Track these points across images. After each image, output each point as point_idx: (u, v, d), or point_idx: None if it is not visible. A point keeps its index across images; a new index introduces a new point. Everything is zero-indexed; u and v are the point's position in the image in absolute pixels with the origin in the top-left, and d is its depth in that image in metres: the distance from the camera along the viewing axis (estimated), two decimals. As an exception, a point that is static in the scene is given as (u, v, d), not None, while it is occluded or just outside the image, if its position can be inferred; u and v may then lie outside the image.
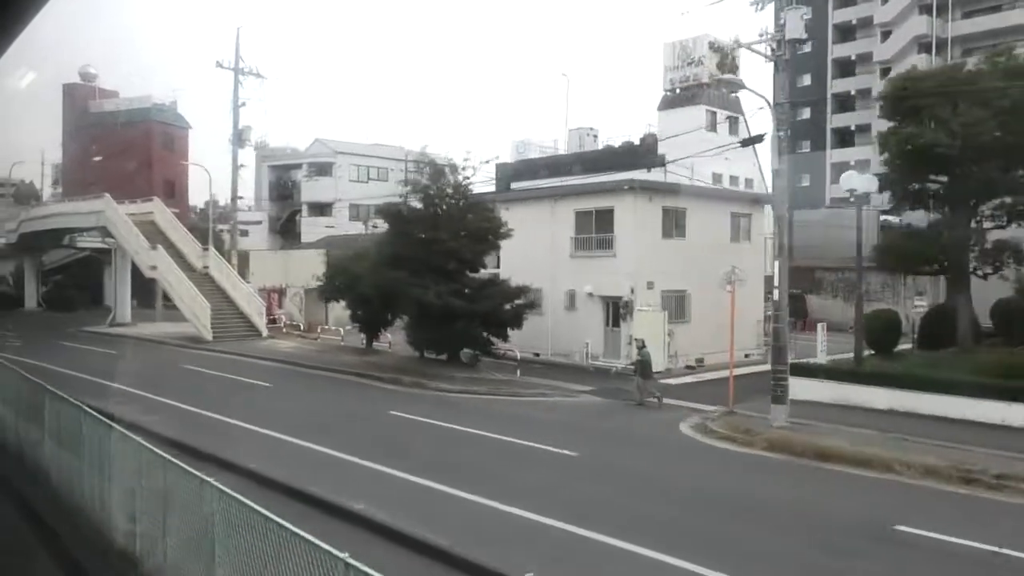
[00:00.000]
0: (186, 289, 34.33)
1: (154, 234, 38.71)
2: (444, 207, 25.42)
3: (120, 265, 42.02)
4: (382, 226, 33.43)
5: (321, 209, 67.93)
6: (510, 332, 25.64)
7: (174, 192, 61.04)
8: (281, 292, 48.03)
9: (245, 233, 60.96)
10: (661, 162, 54.62)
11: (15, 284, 56.27)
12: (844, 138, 71.29)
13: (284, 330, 37.35)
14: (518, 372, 25.31)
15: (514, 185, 65.09)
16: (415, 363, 26.32)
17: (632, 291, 26.97)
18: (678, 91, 57.93)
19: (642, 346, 21.44)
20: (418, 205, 25.84)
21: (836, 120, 72.03)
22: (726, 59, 57.80)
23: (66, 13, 19.01)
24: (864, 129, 65.29)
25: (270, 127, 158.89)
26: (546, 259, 28.58)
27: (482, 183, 52.74)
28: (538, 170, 64.57)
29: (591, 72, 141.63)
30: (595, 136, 64.37)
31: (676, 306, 27.99)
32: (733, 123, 58.33)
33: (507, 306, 25.33)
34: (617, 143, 63.53)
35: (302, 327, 37.94)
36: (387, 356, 28.57)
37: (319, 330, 36.07)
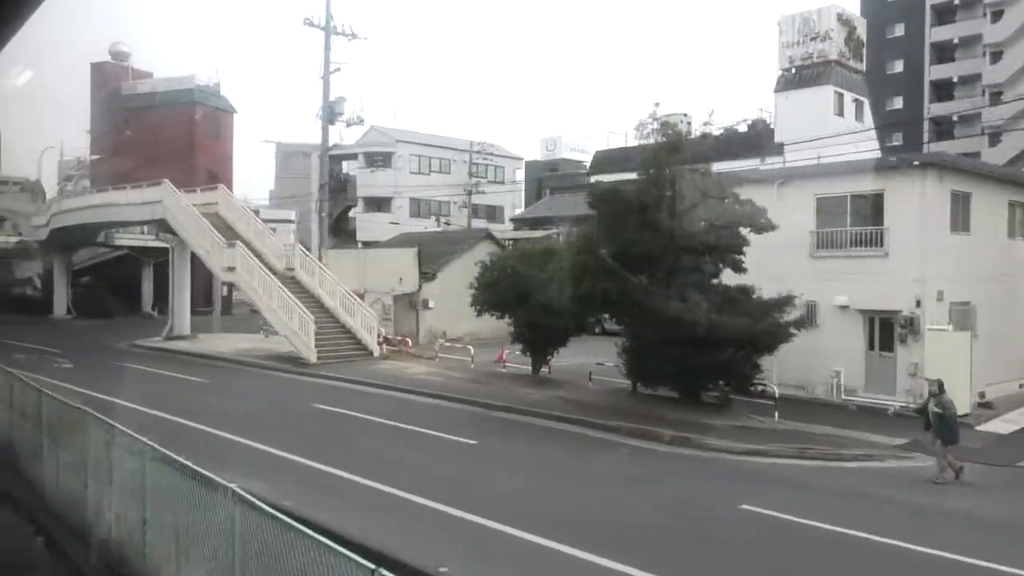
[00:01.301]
0: (278, 297, 27.21)
1: (222, 229, 31.61)
2: (679, 187, 18.30)
3: (179, 266, 34.92)
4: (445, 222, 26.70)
5: (378, 204, 60.85)
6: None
7: (218, 183, 54.01)
8: (359, 298, 41.04)
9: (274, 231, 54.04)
10: (779, 150, 47.77)
11: (42, 287, 49.10)
12: None
13: (387, 347, 30.07)
14: (776, 414, 18.30)
15: (600, 177, 58.16)
16: (633, 402, 19.22)
17: (918, 303, 19.89)
18: (793, 71, 51.03)
19: (939, 390, 14.38)
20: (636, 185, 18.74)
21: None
22: (853, 34, 50.90)
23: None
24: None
25: (364, 101, 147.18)
26: (769, 260, 21.44)
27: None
28: (622, 161, 57.62)
29: (675, 55, 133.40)
30: (688, 123, 57.43)
31: (959, 322, 20.93)
32: (859, 107, 51.33)
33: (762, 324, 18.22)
34: (714, 130, 56.55)
35: (410, 343, 30.78)
36: (574, 388, 21.43)
37: (436, 347, 28.95)
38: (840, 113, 48.80)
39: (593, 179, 58.25)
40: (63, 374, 24.16)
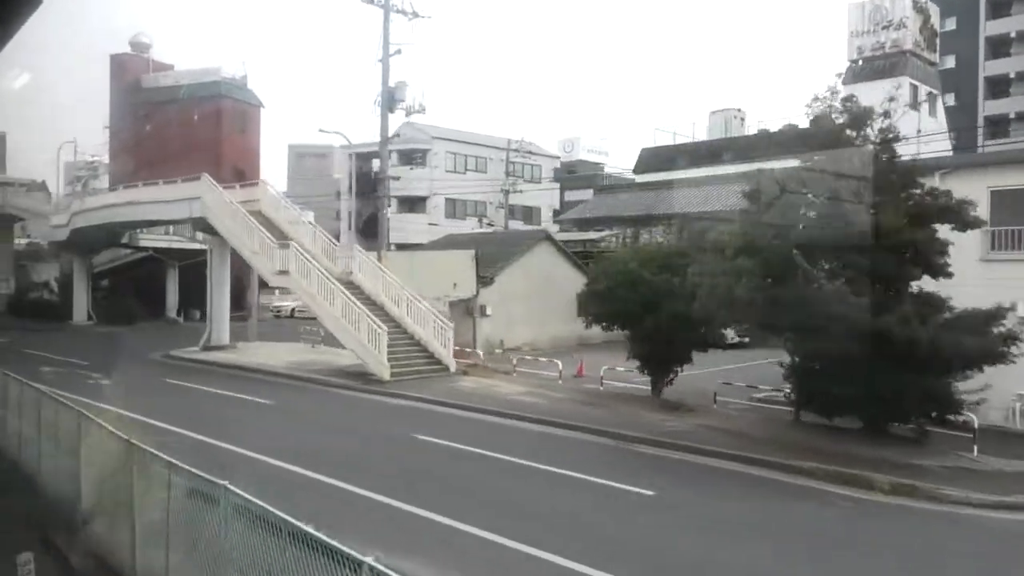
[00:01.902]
0: (342, 304, 23.96)
1: (267, 228, 28.36)
2: (869, 172, 15.04)
3: (218, 269, 31.69)
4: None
5: (412, 204, 57.66)
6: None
7: (245, 181, 50.81)
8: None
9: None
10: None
11: (61, 291, 45.86)
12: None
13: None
14: (974, 448, 15.04)
15: (644, 178, 55.01)
16: (804, 434, 15.90)
17: None
18: (861, 62, 47.87)
19: None
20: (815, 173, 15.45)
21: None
22: (927, 22, 47.70)
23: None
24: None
25: (425, 88, 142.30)
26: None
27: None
28: (674, 159, 54.49)
29: (727, 50, 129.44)
30: (742, 119, 54.33)
31: None
32: (932, 101, 48.07)
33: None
34: (772, 125, 53.33)
35: (482, 355, 27.52)
36: (715, 415, 18.13)
37: (514, 362, 25.69)
38: (915, 107, 45.61)
39: (638, 178, 55.19)
40: (101, 393, 20.96)
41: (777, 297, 14.31)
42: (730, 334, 18.52)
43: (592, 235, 44.16)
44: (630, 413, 18.17)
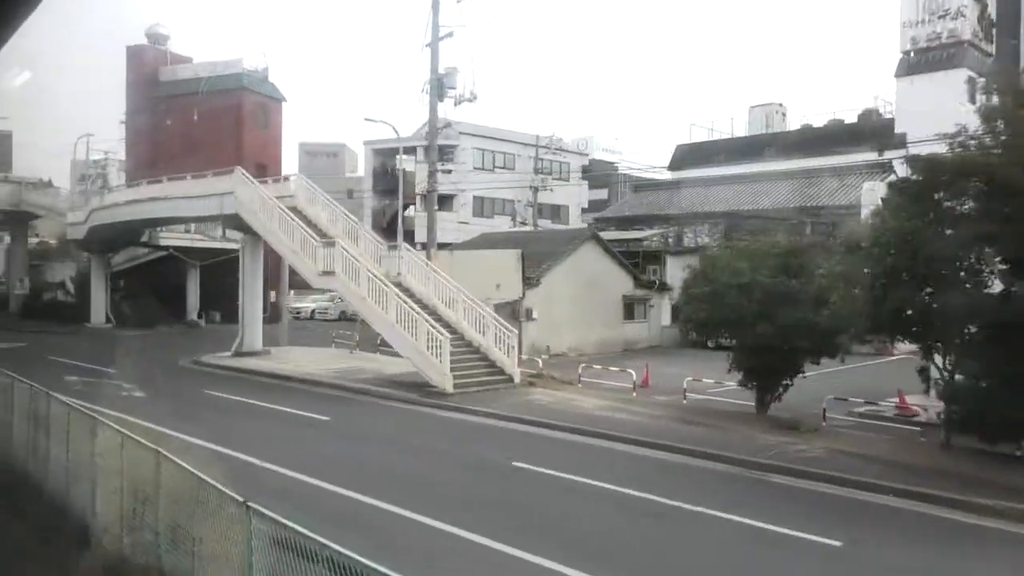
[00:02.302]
0: (396, 307, 21.82)
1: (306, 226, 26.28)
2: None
3: (250, 269, 29.61)
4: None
5: (439, 202, 55.37)
6: None
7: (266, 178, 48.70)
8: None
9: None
10: (901, 142, 42.39)
11: (78, 292, 43.76)
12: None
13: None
14: None
15: (680, 174, 52.78)
16: (967, 462, 13.69)
17: None
18: (913, 54, 45.62)
19: None
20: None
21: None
22: (985, 12, 45.49)
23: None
24: None
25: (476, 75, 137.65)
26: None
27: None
28: (712, 156, 52.28)
29: (767, 45, 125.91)
30: (783, 114, 52.13)
31: None
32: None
33: None
34: (815, 121, 51.18)
35: (540, 364, 25.38)
36: (841, 437, 15.94)
37: (579, 371, 23.55)
38: (972, 100, 43.37)
39: (672, 174, 53.00)
40: (138, 407, 18.86)
41: (947, 304, 12.15)
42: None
43: (634, 234, 42.02)
44: (739, 433, 16.02)
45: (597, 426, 16.90)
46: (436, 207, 27.14)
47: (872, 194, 31.22)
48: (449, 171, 50.73)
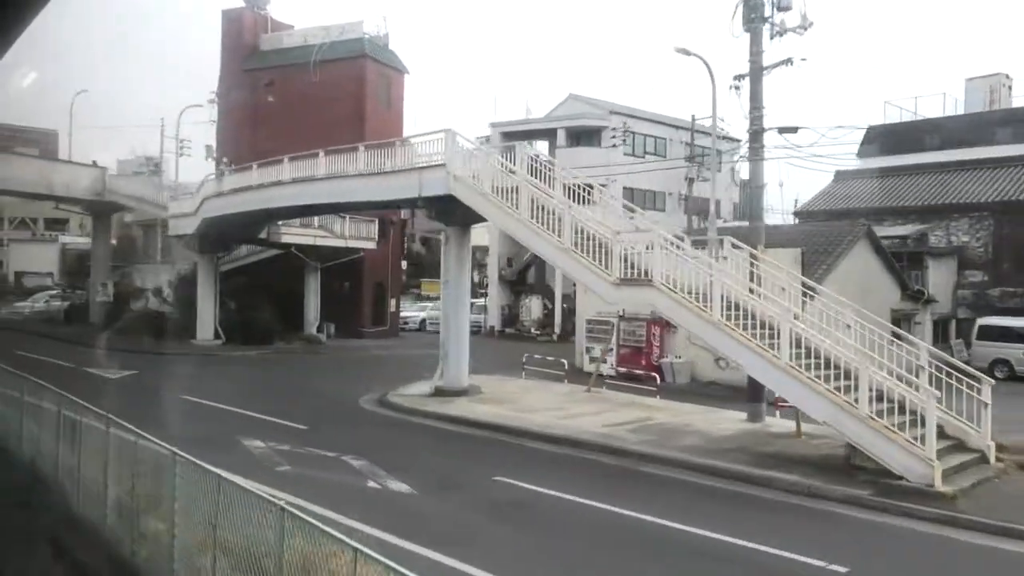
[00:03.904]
0: (788, 342, 13.25)
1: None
2: None
3: (456, 272, 21.27)
4: None
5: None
6: None
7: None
8: (666, 324, 27.36)
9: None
10: None
11: (178, 301, 35.70)
12: None
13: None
14: None
15: (871, 163, 43.78)
16: None
17: None
18: None
19: None
20: None
21: None
22: None
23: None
24: None
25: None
26: None
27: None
28: (920, 137, 43.27)
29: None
30: (1009, 86, 43.03)
31: None
32: None
33: None
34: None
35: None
36: None
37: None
38: None
39: (860, 162, 44.05)
40: (424, 523, 10.72)
41: None
42: None
43: (895, 230, 33.23)
44: None
45: None
46: (762, 181, 18.23)
47: None
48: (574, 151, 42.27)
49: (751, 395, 17.72)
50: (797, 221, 39.35)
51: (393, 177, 21.48)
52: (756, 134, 17.88)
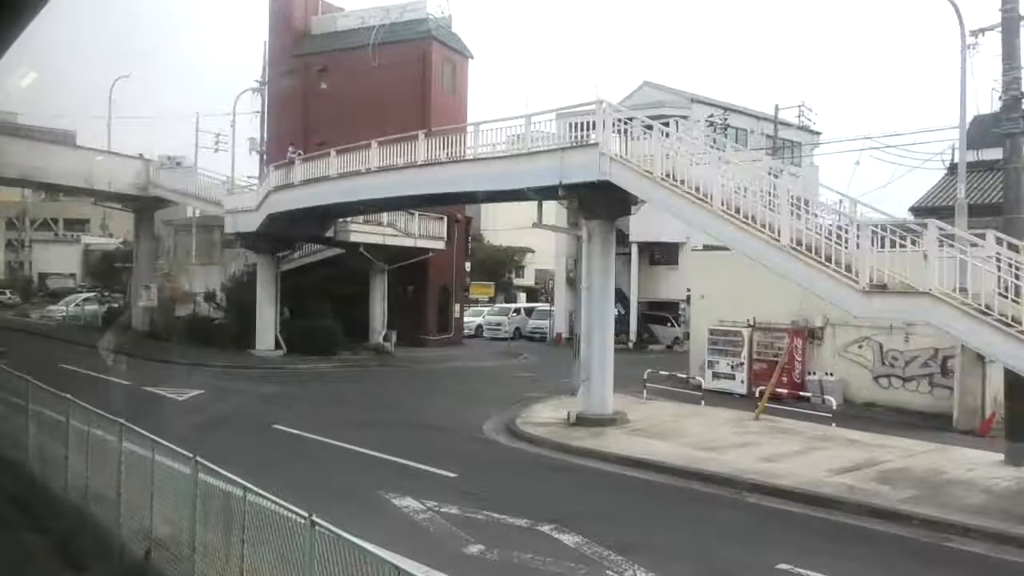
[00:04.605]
0: None
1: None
2: None
3: (600, 276, 17.62)
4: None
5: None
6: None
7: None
8: (808, 335, 23.96)
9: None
10: None
11: (231, 306, 32.11)
12: None
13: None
14: None
15: (986, 155, 39.82)
16: None
17: None
18: None
19: None
20: None
21: None
22: None
23: None
24: None
25: None
26: None
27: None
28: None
29: None
30: None
31: None
32: None
33: None
34: None
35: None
36: None
37: None
38: None
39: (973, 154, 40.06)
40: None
41: None
42: None
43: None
44: None
45: None
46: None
47: None
48: (646, 142, 38.39)
49: (1011, 432, 14.00)
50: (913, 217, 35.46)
51: (525, 160, 17.84)
52: (1014, 102, 14.11)
